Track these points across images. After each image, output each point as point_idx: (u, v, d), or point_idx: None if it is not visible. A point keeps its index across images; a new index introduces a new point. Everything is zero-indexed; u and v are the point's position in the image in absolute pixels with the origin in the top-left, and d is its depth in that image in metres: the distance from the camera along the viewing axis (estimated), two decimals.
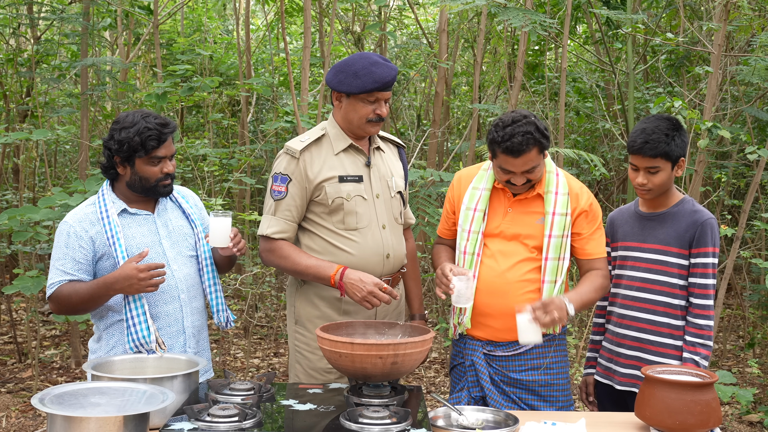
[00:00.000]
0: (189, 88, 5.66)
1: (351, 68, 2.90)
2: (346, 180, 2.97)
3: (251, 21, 9.56)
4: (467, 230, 2.97)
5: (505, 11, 4.99)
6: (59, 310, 2.82)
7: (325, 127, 3.06)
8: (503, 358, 2.97)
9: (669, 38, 5.04)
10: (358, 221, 2.97)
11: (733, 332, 6.97)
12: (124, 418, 2.01)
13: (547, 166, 2.99)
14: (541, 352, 2.98)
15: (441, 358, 6.38)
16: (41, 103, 7.26)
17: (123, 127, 2.78)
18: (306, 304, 3.03)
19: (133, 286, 2.68)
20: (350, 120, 2.98)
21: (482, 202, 2.98)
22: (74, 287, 2.75)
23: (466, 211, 3.00)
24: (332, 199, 2.94)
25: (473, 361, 3.00)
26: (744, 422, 5.08)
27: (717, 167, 6.53)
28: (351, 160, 3.02)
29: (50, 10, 7.30)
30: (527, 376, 2.96)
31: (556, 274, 2.92)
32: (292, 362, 3.13)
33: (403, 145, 3.28)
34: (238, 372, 5.89)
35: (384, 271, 3.02)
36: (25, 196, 7.38)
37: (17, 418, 4.99)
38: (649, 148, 2.84)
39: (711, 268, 2.87)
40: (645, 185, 2.89)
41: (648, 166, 2.87)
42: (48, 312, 7.34)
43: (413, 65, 9.00)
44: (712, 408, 2.43)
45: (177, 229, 2.95)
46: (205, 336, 3.02)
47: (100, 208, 2.82)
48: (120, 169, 2.84)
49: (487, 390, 2.95)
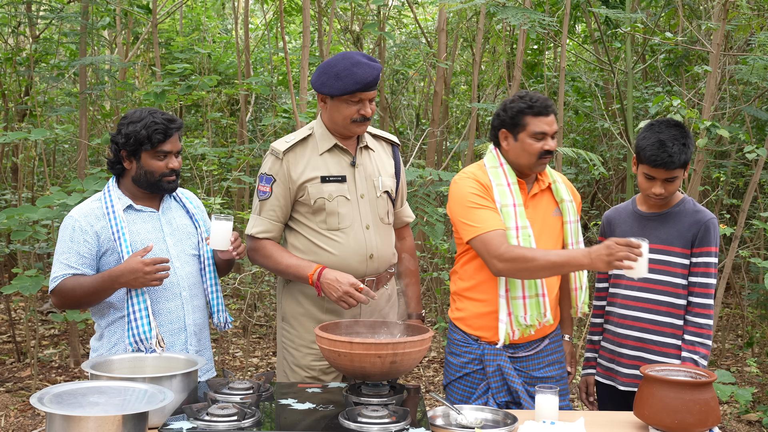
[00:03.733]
0: (187, 87, 5.65)
1: (332, 70, 2.89)
2: (329, 180, 2.97)
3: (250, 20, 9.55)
4: (513, 227, 2.86)
5: (504, 10, 4.99)
6: (62, 304, 2.82)
7: (313, 126, 3.06)
8: (525, 359, 2.97)
9: (668, 37, 5.04)
10: (340, 221, 2.97)
11: (731, 331, 6.97)
12: (123, 418, 2.01)
13: None
14: (553, 347, 3.03)
15: (440, 357, 6.38)
16: (40, 102, 7.26)
17: (131, 121, 2.84)
18: (291, 301, 3.06)
19: (138, 279, 2.70)
20: (335, 121, 2.97)
21: (517, 196, 2.91)
22: (78, 281, 2.76)
23: (503, 209, 2.88)
24: (314, 200, 2.95)
25: (499, 365, 2.92)
26: (743, 421, 5.09)
27: (716, 166, 6.53)
28: (335, 160, 3.01)
29: (49, 9, 7.30)
30: (546, 373, 2.99)
31: None
32: (279, 358, 3.17)
33: (398, 143, 3.26)
34: (237, 371, 5.88)
35: (368, 272, 3.01)
36: (24, 195, 7.37)
37: (16, 418, 4.99)
38: (672, 162, 2.81)
39: (713, 267, 2.88)
40: (661, 195, 2.88)
41: (667, 177, 2.86)
42: (47, 311, 7.33)
43: (412, 64, 9.00)
44: (710, 407, 2.43)
45: (181, 227, 2.98)
46: (206, 335, 3.03)
47: (106, 203, 2.84)
48: (126, 163, 2.87)
49: (521, 393, 2.91)
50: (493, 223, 2.84)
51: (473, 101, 6.62)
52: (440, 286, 6.85)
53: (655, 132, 2.87)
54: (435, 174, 4.82)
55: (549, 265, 2.76)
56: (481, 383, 2.97)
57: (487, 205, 2.88)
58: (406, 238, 3.30)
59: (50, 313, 7.17)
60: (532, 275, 2.83)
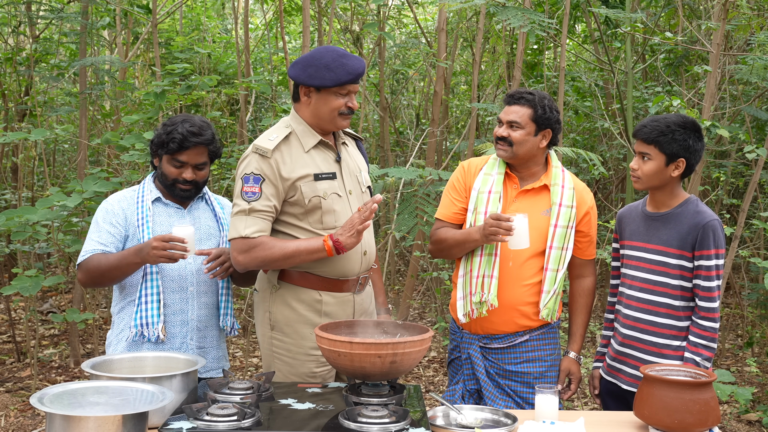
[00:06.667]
0: (187, 87, 5.65)
1: (320, 61, 2.84)
2: (322, 177, 2.88)
3: (250, 20, 9.55)
4: (483, 212, 3.02)
5: (504, 11, 4.99)
6: (86, 279, 2.93)
7: (289, 124, 2.95)
8: (499, 351, 3.03)
9: (668, 37, 5.04)
10: (336, 219, 2.89)
11: (731, 331, 6.97)
12: (123, 417, 2.01)
13: (553, 162, 3.10)
14: (536, 344, 3.02)
15: (440, 357, 6.38)
16: (40, 102, 7.26)
17: (165, 123, 2.98)
18: (283, 308, 2.91)
19: (150, 254, 2.77)
20: (320, 115, 2.89)
21: (496, 185, 3.05)
22: (104, 256, 2.90)
23: (479, 194, 3.05)
24: (309, 199, 2.84)
25: (469, 354, 3.05)
26: (743, 421, 5.09)
27: (716, 166, 6.53)
28: (322, 156, 2.94)
29: (49, 9, 7.29)
30: (523, 368, 3.02)
31: (558, 263, 3.01)
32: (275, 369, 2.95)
33: (362, 138, 3.26)
34: (237, 371, 5.89)
35: (361, 269, 2.98)
36: (24, 195, 7.37)
37: (16, 418, 4.99)
38: (644, 132, 2.88)
39: (714, 270, 2.84)
40: (635, 171, 2.92)
41: (641, 150, 2.90)
42: (47, 311, 7.33)
43: (412, 64, 9.00)
44: (710, 407, 2.43)
45: (204, 227, 3.05)
46: (214, 334, 3.05)
47: (139, 192, 3.01)
48: (155, 161, 3.03)
49: (482, 382, 3.01)
50: (443, 212, 3.17)
51: (473, 101, 6.62)
52: (440, 285, 6.85)
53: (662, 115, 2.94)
54: (435, 174, 4.82)
55: (455, 243, 3.05)
56: (459, 370, 3.12)
57: (450, 193, 3.16)
58: None
59: (50, 313, 7.17)
60: (449, 254, 3.13)
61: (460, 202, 3.12)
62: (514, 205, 3.03)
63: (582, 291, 3.15)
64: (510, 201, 3.05)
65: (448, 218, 3.15)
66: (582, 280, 3.15)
